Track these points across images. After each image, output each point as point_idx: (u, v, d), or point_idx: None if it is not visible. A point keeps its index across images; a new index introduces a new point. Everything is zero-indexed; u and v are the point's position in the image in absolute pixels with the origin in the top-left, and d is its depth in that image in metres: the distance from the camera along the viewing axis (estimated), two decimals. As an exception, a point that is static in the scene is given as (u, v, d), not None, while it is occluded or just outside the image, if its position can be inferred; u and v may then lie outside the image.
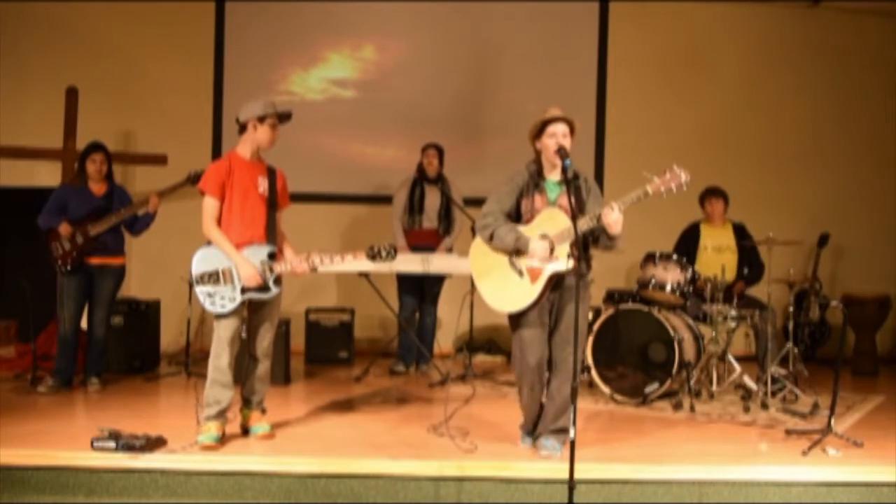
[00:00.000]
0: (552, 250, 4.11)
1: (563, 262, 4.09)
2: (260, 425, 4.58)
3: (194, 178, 6.01)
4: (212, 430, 4.34)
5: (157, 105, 7.87)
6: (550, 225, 4.13)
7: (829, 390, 4.74)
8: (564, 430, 4.28)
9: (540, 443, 4.24)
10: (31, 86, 7.71)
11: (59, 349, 5.88)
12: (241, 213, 4.46)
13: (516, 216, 4.28)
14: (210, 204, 4.45)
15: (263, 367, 4.63)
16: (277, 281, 4.50)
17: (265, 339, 4.60)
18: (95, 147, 5.99)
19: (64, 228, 5.77)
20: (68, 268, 5.78)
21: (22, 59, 7.73)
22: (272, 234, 4.51)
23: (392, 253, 4.48)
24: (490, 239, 4.22)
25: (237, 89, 7.88)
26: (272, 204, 4.53)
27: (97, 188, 5.95)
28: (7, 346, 6.98)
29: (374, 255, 4.48)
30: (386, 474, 3.99)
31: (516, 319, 4.25)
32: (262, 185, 4.53)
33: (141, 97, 7.87)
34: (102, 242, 5.84)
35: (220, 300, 4.39)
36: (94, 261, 5.85)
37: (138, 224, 6.05)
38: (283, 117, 4.56)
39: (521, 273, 4.18)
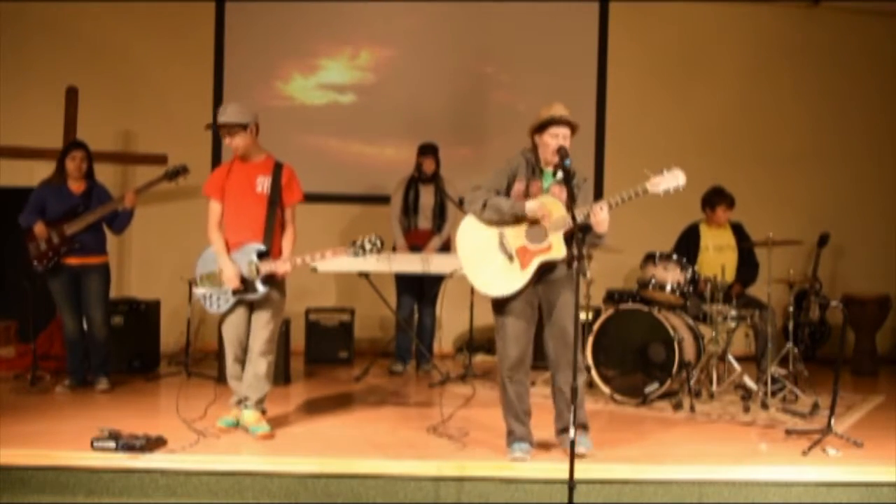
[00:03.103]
0: (546, 232, 4.08)
1: (556, 251, 4.06)
2: (259, 426, 4.58)
3: (172, 174, 5.99)
4: (229, 416, 4.66)
5: (157, 105, 7.87)
6: (548, 212, 4.10)
7: (829, 390, 4.74)
8: (585, 427, 4.26)
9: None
10: (31, 86, 7.70)
11: (67, 350, 5.91)
12: (237, 214, 4.57)
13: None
14: (211, 207, 4.64)
15: (255, 367, 4.61)
16: (267, 281, 4.50)
17: (257, 339, 4.60)
18: (76, 145, 5.97)
19: (38, 228, 5.70)
20: (44, 268, 5.72)
21: (22, 59, 7.72)
22: (269, 233, 4.53)
23: (378, 245, 4.37)
24: (483, 208, 4.14)
25: (237, 89, 7.88)
26: (272, 202, 4.55)
27: (76, 186, 5.87)
28: (7, 346, 6.99)
29: (356, 251, 4.40)
30: (386, 474, 4.00)
31: (501, 309, 4.19)
32: (262, 184, 4.57)
33: (141, 97, 7.88)
34: (80, 242, 5.75)
35: (217, 300, 4.55)
36: (74, 261, 5.77)
37: (117, 222, 5.94)
38: (215, 126, 4.60)
39: (511, 257, 4.14)
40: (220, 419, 4.68)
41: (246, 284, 4.49)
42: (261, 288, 4.48)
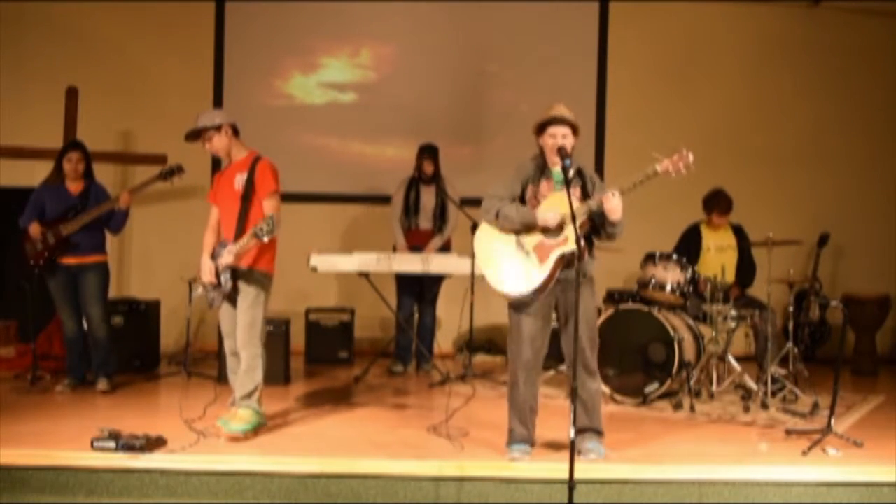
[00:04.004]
0: (562, 227, 4.07)
1: (573, 243, 4.05)
2: (234, 423, 4.49)
3: (166, 174, 6.00)
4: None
5: (156, 105, 7.87)
6: (558, 207, 4.09)
7: (829, 390, 4.74)
8: (600, 433, 4.27)
9: (584, 446, 4.18)
10: (31, 86, 7.71)
11: (67, 350, 5.94)
12: (223, 213, 4.71)
13: (522, 203, 4.25)
14: (211, 210, 4.78)
15: (241, 361, 4.62)
16: (234, 274, 4.54)
17: (238, 332, 4.62)
18: (73, 146, 5.97)
19: (34, 229, 5.71)
20: (41, 268, 5.72)
21: (22, 59, 7.73)
22: (240, 228, 4.57)
23: (270, 225, 4.30)
24: (496, 216, 4.17)
25: (237, 89, 7.89)
26: (245, 197, 4.60)
27: (74, 187, 5.87)
28: (7, 346, 6.98)
29: (256, 233, 4.34)
30: (386, 474, 4.00)
31: (518, 308, 4.18)
32: (239, 181, 4.64)
33: (141, 97, 7.88)
34: (75, 242, 5.74)
35: (210, 297, 4.66)
36: (70, 261, 5.77)
37: (113, 222, 5.92)
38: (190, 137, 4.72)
39: (528, 254, 4.14)
40: (220, 419, 4.66)
41: (217, 279, 4.58)
42: (222, 281, 4.56)
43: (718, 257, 6.18)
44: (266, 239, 4.40)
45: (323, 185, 7.90)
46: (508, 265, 4.17)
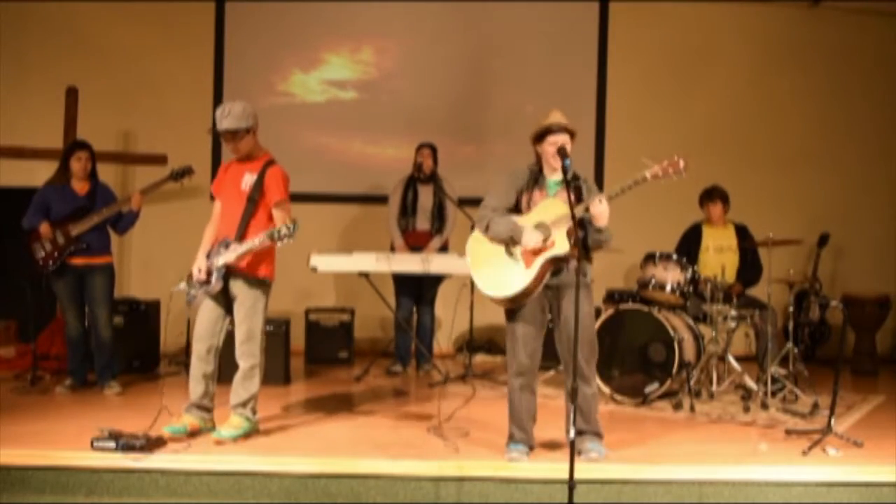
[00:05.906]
0: (547, 238, 4.09)
1: (559, 248, 4.07)
2: (226, 429, 4.45)
3: (177, 175, 5.98)
4: (177, 423, 4.43)
5: (156, 105, 7.86)
6: (549, 212, 4.12)
7: (829, 390, 4.74)
8: (599, 434, 4.28)
9: (585, 446, 4.19)
10: (31, 86, 7.71)
11: (69, 351, 5.90)
12: (224, 211, 4.66)
13: (515, 211, 4.27)
14: (214, 205, 4.73)
15: (239, 368, 4.55)
16: (229, 276, 4.49)
17: (236, 342, 4.56)
18: (80, 145, 5.94)
19: (44, 229, 5.68)
20: (49, 269, 5.70)
21: (22, 58, 7.72)
22: (241, 230, 4.52)
23: (291, 229, 4.27)
24: (486, 230, 4.22)
25: (237, 89, 7.87)
26: (251, 200, 4.55)
27: (80, 187, 5.85)
28: (7, 346, 6.98)
29: (272, 235, 4.32)
30: (386, 474, 4.00)
31: (512, 314, 4.22)
32: (247, 181, 4.59)
33: (141, 97, 7.87)
34: (85, 242, 5.73)
35: (191, 295, 4.59)
36: (79, 261, 5.75)
37: (122, 223, 5.92)
38: (217, 134, 4.59)
39: (516, 258, 4.16)
40: (167, 427, 4.40)
41: (208, 277, 4.52)
42: (213, 282, 4.49)
43: (717, 257, 6.18)
44: (280, 243, 4.33)
45: (323, 185, 7.89)
46: (496, 268, 4.19)
